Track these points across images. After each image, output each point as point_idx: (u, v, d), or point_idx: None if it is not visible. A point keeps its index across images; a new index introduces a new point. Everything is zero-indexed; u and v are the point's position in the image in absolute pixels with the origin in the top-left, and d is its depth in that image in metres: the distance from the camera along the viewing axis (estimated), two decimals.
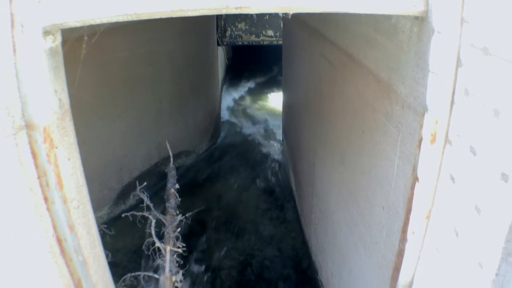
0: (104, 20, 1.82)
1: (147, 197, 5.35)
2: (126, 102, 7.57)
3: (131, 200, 7.95)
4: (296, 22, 7.21)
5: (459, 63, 1.88)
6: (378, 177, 3.17)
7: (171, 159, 7.03)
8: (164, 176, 7.49)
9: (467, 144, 1.86)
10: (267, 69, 19.31)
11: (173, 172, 6.80)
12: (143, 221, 5.40)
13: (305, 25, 6.31)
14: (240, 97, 16.25)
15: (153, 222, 5.08)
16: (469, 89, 1.82)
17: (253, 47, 15.15)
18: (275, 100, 15.44)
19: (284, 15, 2.31)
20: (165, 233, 5.17)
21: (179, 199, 6.10)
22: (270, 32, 12.61)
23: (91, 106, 6.31)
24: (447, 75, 1.93)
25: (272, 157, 10.85)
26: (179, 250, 4.93)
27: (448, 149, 2.07)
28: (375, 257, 3.32)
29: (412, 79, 2.33)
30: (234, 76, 18.41)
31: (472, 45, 1.77)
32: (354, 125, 3.83)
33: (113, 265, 2.88)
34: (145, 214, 5.23)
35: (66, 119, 2.05)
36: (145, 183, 5.68)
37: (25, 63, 1.69)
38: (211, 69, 11.39)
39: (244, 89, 17.18)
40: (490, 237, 1.71)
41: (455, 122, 1.98)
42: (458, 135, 1.95)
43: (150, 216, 5.20)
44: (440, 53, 1.94)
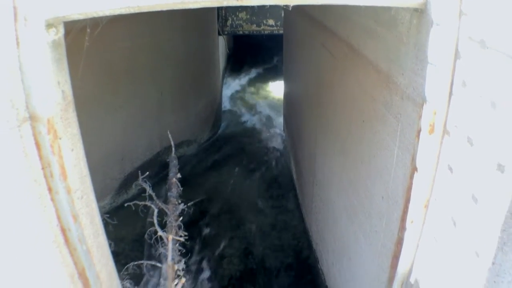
0: (107, 13, 1.83)
1: (150, 187, 5.39)
2: (128, 92, 7.58)
3: (133, 190, 7.99)
4: (297, 12, 7.19)
5: (457, 55, 1.90)
6: (378, 166, 3.20)
7: (173, 149, 7.05)
8: (165, 166, 7.52)
9: (465, 135, 1.88)
10: (268, 58, 19.25)
11: (175, 162, 6.83)
12: (145, 210, 5.44)
13: (306, 15, 6.30)
14: (241, 87, 16.21)
15: (156, 211, 5.12)
16: (466, 81, 1.84)
17: (254, 37, 15.09)
18: (276, 89, 15.42)
19: (285, 6, 2.32)
20: (167, 222, 5.20)
21: (181, 189, 6.13)
22: (271, 22, 12.55)
23: (93, 96, 6.33)
24: (445, 67, 1.95)
25: (273, 146, 10.87)
26: (181, 239, 4.97)
27: (446, 140, 2.09)
28: (375, 245, 3.36)
29: (411, 70, 2.34)
30: (235, 66, 18.37)
31: (469, 38, 1.79)
32: (354, 115, 3.84)
33: (116, 254, 2.92)
34: (148, 203, 5.27)
35: (70, 110, 2.07)
36: (147, 173, 5.71)
37: (28, 56, 1.71)
38: (212, 59, 11.37)
39: (245, 79, 17.15)
40: (487, 226, 1.74)
41: (453, 113, 2.00)
42: (456, 126, 1.97)
43: (152, 206, 5.24)
44: (439, 45, 1.95)
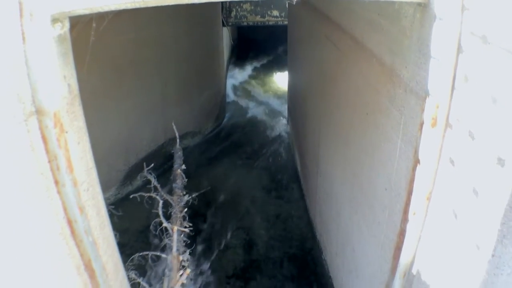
0: (112, 8, 1.85)
1: (154, 178, 5.41)
2: (132, 84, 7.60)
3: (138, 181, 8.05)
4: (301, 4, 7.16)
5: (459, 50, 1.91)
6: (381, 158, 3.21)
7: (177, 140, 7.07)
8: (170, 157, 7.55)
9: (466, 129, 1.89)
10: (272, 49, 19.20)
11: (179, 153, 6.84)
12: (150, 201, 5.47)
13: (310, 7, 6.28)
14: (246, 78, 16.20)
15: (161, 202, 5.15)
16: (468, 76, 1.85)
17: (258, 28, 15.03)
18: (280, 80, 15.40)
19: (288, 0, 2.33)
20: (172, 213, 5.23)
21: (186, 180, 6.16)
22: (275, 13, 12.50)
23: (98, 88, 6.35)
24: (448, 61, 1.96)
25: (277, 137, 10.89)
26: (186, 230, 5.00)
27: (449, 133, 2.10)
28: (378, 236, 3.38)
29: (415, 64, 2.35)
30: (240, 57, 18.34)
31: (472, 33, 1.79)
32: (357, 107, 3.85)
33: (121, 245, 2.94)
34: (153, 195, 5.29)
35: (75, 103, 2.10)
36: (152, 165, 5.74)
37: (34, 51, 1.73)
38: (216, 50, 11.36)
39: (249, 70, 17.13)
40: (487, 219, 1.76)
41: (455, 107, 2.02)
42: (458, 120, 1.98)
43: (157, 197, 5.26)
44: (441, 40, 1.96)
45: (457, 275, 2.08)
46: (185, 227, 5.00)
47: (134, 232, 6.89)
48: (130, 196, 5.58)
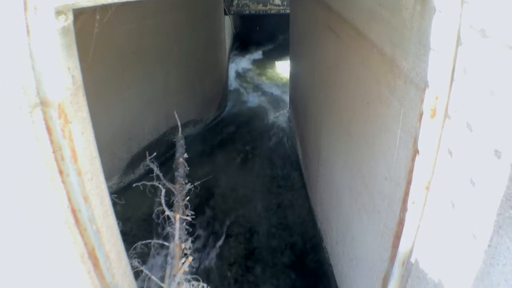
0: (116, 0, 1.87)
1: (157, 167, 5.45)
2: (134, 73, 7.61)
3: (140, 170, 8.09)
4: None
5: (459, 42, 1.93)
6: (381, 148, 3.24)
7: (179, 129, 7.09)
8: (171, 146, 7.58)
9: (464, 121, 1.92)
10: (274, 37, 19.15)
11: (181, 142, 6.87)
12: (152, 190, 5.51)
13: None
14: (247, 66, 16.18)
15: (163, 191, 5.19)
16: (467, 69, 1.87)
17: (261, 16, 14.98)
18: (282, 68, 15.38)
19: None
20: (174, 202, 5.28)
21: (188, 168, 6.19)
22: (277, 1, 12.47)
23: (100, 77, 6.37)
24: (447, 53, 1.97)
25: (279, 125, 10.90)
26: (188, 218, 5.04)
27: (448, 124, 2.13)
28: (378, 225, 3.42)
29: (415, 55, 2.37)
30: (242, 45, 18.29)
31: (470, 26, 1.81)
32: (358, 97, 3.87)
33: (123, 234, 2.98)
34: (155, 183, 5.34)
35: (79, 94, 2.12)
36: (154, 154, 5.77)
37: (38, 43, 1.75)
38: (218, 39, 11.34)
39: (251, 58, 17.09)
40: (483, 210, 1.79)
41: (454, 99, 2.04)
42: (457, 111, 2.01)
43: (159, 186, 5.31)
44: (441, 32, 1.97)
45: (454, 264, 2.12)
46: (187, 216, 5.05)
47: (137, 220, 6.95)
48: (133, 185, 5.63)
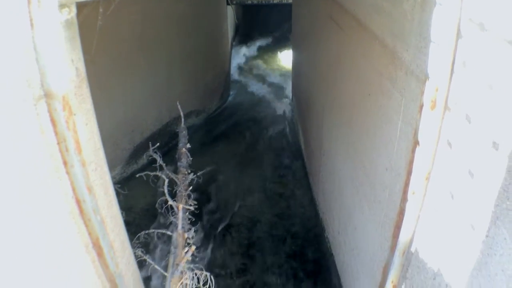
0: None
1: (160, 157, 5.48)
2: (138, 64, 7.62)
3: (143, 160, 8.13)
4: None
5: (459, 35, 1.94)
6: (382, 139, 3.26)
7: (182, 119, 7.12)
8: (174, 136, 7.60)
9: (464, 113, 1.94)
10: (277, 27, 19.05)
11: (184, 132, 6.90)
12: (155, 180, 5.55)
13: None
14: (250, 56, 16.15)
15: (166, 181, 5.23)
16: (466, 61, 1.89)
17: (263, 6, 14.91)
18: (284, 58, 15.35)
19: None
20: (177, 192, 5.32)
21: (191, 158, 6.22)
22: None
23: (103, 68, 6.39)
24: (447, 46, 1.98)
25: (281, 116, 10.92)
26: (191, 208, 5.08)
27: (447, 116, 2.15)
28: (378, 215, 3.45)
29: (415, 47, 2.38)
30: (244, 35, 18.23)
31: (470, 20, 1.82)
32: (360, 88, 3.88)
33: (127, 224, 3.02)
34: (158, 173, 5.37)
35: (83, 86, 2.15)
36: (158, 144, 5.80)
37: (42, 37, 1.77)
38: (220, 29, 11.32)
39: (254, 48, 17.05)
40: (481, 201, 1.82)
41: (454, 91, 2.05)
42: (456, 103, 2.02)
43: (163, 176, 5.34)
44: (441, 25, 1.99)
45: (453, 254, 2.15)
46: (190, 205, 5.08)
47: (140, 210, 7.00)
48: (136, 175, 5.66)
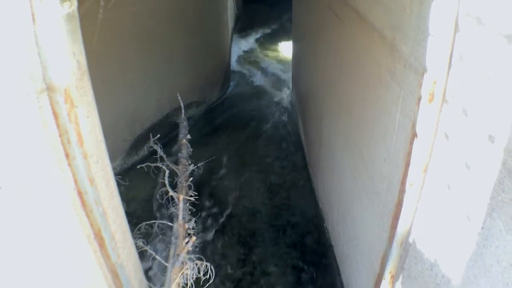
0: None
1: (160, 148, 5.51)
2: (138, 55, 7.61)
3: (144, 151, 8.15)
4: None
5: (457, 29, 1.96)
6: (381, 130, 3.28)
7: (183, 110, 7.14)
8: (175, 127, 7.62)
9: (461, 106, 1.96)
10: (277, 18, 18.99)
11: (184, 123, 6.92)
12: (156, 171, 5.58)
13: None
14: (250, 47, 16.10)
15: (167, 172, 5.26)
16: (463, 55, 1.91)
17: None
18: (284, 49, 15.31)
19: None
20: (178, 183, 5.35)
21: (191, 149, 6.24)
22: None
23: (104, 60, 6.39)
24: (445, 39, 2.00)
25: (281, 106, 10.92)
26: (192, 199, 5.11)
27: (445, 109, 2.17)
28: (377, 206, 3.49)
29: (414, 40, 2.40)
30: (244, 26, 18.16)
31: (467, 14, 1.84)
32: (359, 79, 3.90)
33: (128, 215, 3.05)
34: (159, 165, 5.40)
35: (85, 79, 2.17)
36: (158, 135, 5.82)
37: (44, 30, 1.79)
38: (220, 20, 11.29)
39: (254, 39, 16.99)
40: (477, 193, 1.85)
41: (451, 84, 2.08)
42: (454, 96, 2.05)
43: (163, 167, 5.37)
44: (439, 18, 2.00)
45: (450, 245, 2.18)
46: (191, 196, 5.12)
47: (141, 201, 7.03)
48: (137, 167, 5.69)
